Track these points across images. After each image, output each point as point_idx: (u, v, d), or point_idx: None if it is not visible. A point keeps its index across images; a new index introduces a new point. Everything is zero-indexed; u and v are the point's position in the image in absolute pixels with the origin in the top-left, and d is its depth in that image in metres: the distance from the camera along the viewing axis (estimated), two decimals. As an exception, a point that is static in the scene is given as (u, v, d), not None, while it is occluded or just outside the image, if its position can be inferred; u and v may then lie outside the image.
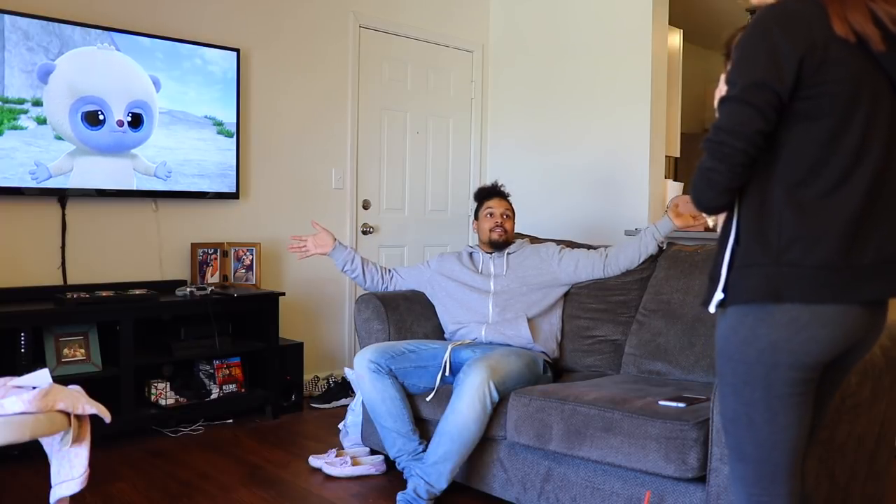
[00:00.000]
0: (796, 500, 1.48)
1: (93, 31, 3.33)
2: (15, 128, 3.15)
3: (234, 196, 3.85)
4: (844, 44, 1.32)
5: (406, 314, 3.08)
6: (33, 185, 3.23)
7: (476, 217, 3.21)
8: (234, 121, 3.81)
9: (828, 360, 1.41)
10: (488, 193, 3.21)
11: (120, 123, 3.41)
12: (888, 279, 1.37)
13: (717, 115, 1.41)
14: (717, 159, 1.35)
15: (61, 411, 1.93)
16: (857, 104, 1.34)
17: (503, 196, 3.20)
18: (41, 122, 3.22)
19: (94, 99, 3.35)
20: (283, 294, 3.76)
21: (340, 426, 3.31)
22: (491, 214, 3.13)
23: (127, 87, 3.45)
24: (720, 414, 1.51)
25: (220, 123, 3.76)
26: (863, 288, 1.35)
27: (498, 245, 3.10)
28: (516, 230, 3.28)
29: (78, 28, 3.29)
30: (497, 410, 2.54)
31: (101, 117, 3.37)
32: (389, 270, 3.21)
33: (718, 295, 1.42)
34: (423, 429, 2.77)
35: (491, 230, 3.10)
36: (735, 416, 1.45)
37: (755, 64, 1.33)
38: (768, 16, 1.35)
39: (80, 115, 3.31)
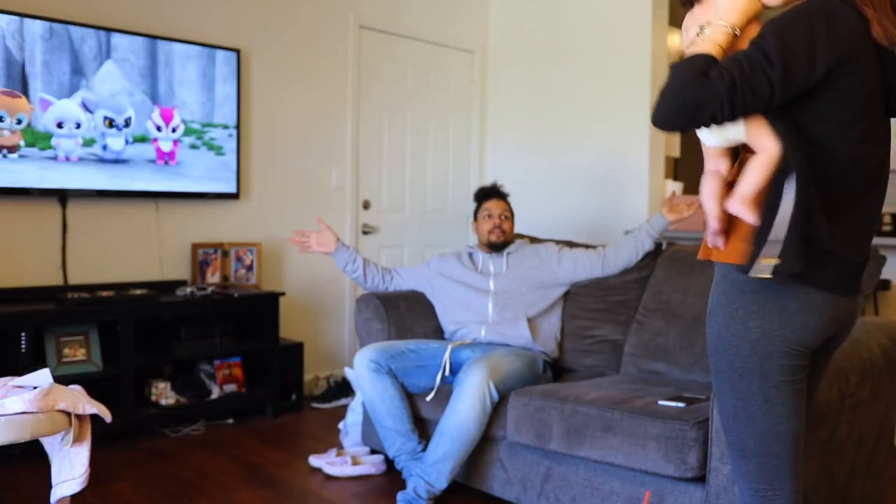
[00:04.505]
0: (801, 494, 1.49)
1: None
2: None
3: (234, 196, 3.86)
4: (870, 55, 1.34)
5: (406, 314, 3.09)
6: (34, 185, 3.24)
7: (475, 218, 3.21)
8: (235, 121, 3.82)
9: (816, 346, 1.44)
10: (487, 194, 3.21)
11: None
12: (858, 278, 1.46)
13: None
14: (726, 93, 1.29)
15: (62, 411, 1.93)
16: (866, 113, 1.37)
17: (502, 197, 3.21)
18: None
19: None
20: (284, 294, 3.76)
21: (340, 426, 3.32)
22: (489, 216, 3.13)
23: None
24: (719, 412, 1.52)
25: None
26: (853, 281, 1.44)
27: (496, 246, 3.11)
28: (516, 230, 3.28)
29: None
30: (497, 410, 2.55)
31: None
32: (390, 271, 3.21)
33: (774, 261, 1.34)
34: (423, 429, 2.77)
35: (489, 232, 3.11)
36: (735, 412, 1.46)
37: (795, 53, 1.30)
38: (817, 10, 1.33)
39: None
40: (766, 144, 1.36)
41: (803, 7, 1.35)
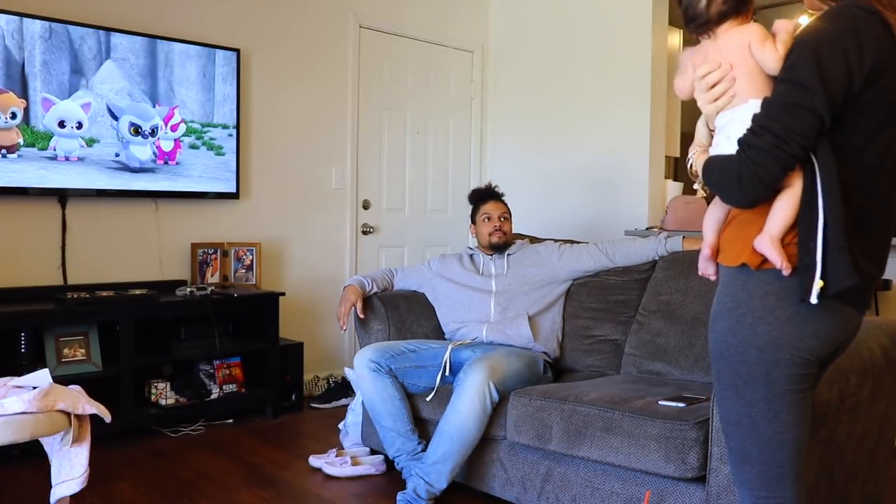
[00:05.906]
0: (803, 501, 1.47)
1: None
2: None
3: (234, 196, 3.86)
4: (894, 61, 1.31)
5: (406, 314, 3.09)
6: (34, 185, 3.24)
7: (473, 221, 3.20)
8: (235, 121, 3.81)
9: (825, 356, 1.42)
10: (483, 196, 3.19)
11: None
12: (871, 293, 1.44)
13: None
14: (775, 159, 1.29)
15: (61, 411, 1.94)
16: (889, 123, 1.35)
17: (498, 198, 3.19)
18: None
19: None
20: (283, 294, 3.76)
21: (340, 426, 3.31)
22: (489, 218, 3.12)
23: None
24: (720, 418, 1.49)
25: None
26: (868, 295, 1.42)
27: (498, 248, 3.10)
28: (515, 230, 3.28)
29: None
30: (497, 410, 2.54)
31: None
32: (392, 270, 3.22)
33: (818, 283, 1.31)
34: (423, 429, 2.77)
35: (490, 234, 3.10)
36: (738, 419, 1.44)
37: (833, 76, 1.28)
38: (842, 24, 1.30)
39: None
40: (791, 180, 1.34)
41: (826, 23, 1.31)
